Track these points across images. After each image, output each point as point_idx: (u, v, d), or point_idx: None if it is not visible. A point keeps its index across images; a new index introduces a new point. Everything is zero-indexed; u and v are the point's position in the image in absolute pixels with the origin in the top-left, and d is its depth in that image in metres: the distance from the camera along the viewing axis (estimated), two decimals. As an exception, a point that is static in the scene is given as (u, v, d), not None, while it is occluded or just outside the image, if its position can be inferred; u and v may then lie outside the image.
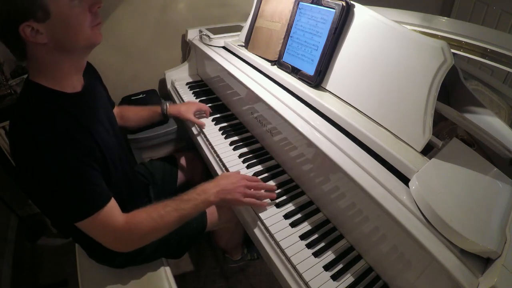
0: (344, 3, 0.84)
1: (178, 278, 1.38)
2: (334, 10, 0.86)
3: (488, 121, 0.83)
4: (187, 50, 1.66)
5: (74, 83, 0.73)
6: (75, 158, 0.63)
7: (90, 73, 0.89)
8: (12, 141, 0.64)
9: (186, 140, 1.66)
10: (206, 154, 1.14)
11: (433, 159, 0.66)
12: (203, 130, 1.21)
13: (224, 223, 1.10)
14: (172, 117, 1.20)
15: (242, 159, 1.07)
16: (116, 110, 1.11)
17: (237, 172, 0.97)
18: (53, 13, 0.59)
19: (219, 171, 1.06)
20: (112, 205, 0.70)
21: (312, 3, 0.93)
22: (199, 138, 1.21)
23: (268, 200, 0.89)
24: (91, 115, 0.74)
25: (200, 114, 1.27)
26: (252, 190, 0.87)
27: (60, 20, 0.61)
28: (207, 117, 1.27)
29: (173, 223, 0.77)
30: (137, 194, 1.02)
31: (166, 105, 1.19)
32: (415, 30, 0.75)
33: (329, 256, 0.78)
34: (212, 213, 1.03)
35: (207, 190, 0.83)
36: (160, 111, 1.18)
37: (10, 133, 0.64)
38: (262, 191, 0.90)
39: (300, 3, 0.98)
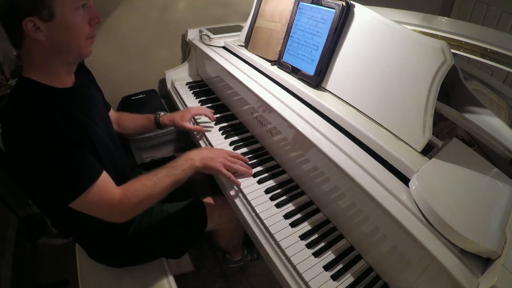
0: (344, 3, 0.84)
1: (178, 278, 1.38)
2: (334, 10, 0.86)
3: (488, 121, 0.84)
4: (187, 50, 1.66)
5: (64, 80, 0.75)
6: (63, 137, 0.65)
7: (84, 75, 0.90)
8: (2, 128, 0.65)
9: (186, 140, 1.66)
10: (206, 154, 1.14)
11: (433, 159, 0.66)
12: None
13: (224, 223, 1.10)
14: (168, 126, 1.19)
15: (242, 159, 1.07)
16: (113, 116, 1.11)
17: (220, 148, 1.07)
18: (57, 16, 0.63)
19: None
20: (105, 179, 0.73)
21: (312, 3, 0.93)
22: (199, 139, 1.21)
23: (248, 178, 0.97)
24: (81, 110, 0.75)
25: (201, 119, 1.25)
26: (231, 163, 0.94)
27: (62, 24, 0.64)
28: (213, 120, 1.24)
29: (166, 188, 0.81)
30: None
31: (160, 114, 1.17)
32: (415, 30, 0.75)
33: (329, 256, 0.78)
34: (212, 213, 1.03)
35: (192, 156, 0.89)
36: (154, 120, 1.16)
37: (0, 122, 0.66)
38: (240, 166, 0.96)
39: (300, 3, 0.98)
